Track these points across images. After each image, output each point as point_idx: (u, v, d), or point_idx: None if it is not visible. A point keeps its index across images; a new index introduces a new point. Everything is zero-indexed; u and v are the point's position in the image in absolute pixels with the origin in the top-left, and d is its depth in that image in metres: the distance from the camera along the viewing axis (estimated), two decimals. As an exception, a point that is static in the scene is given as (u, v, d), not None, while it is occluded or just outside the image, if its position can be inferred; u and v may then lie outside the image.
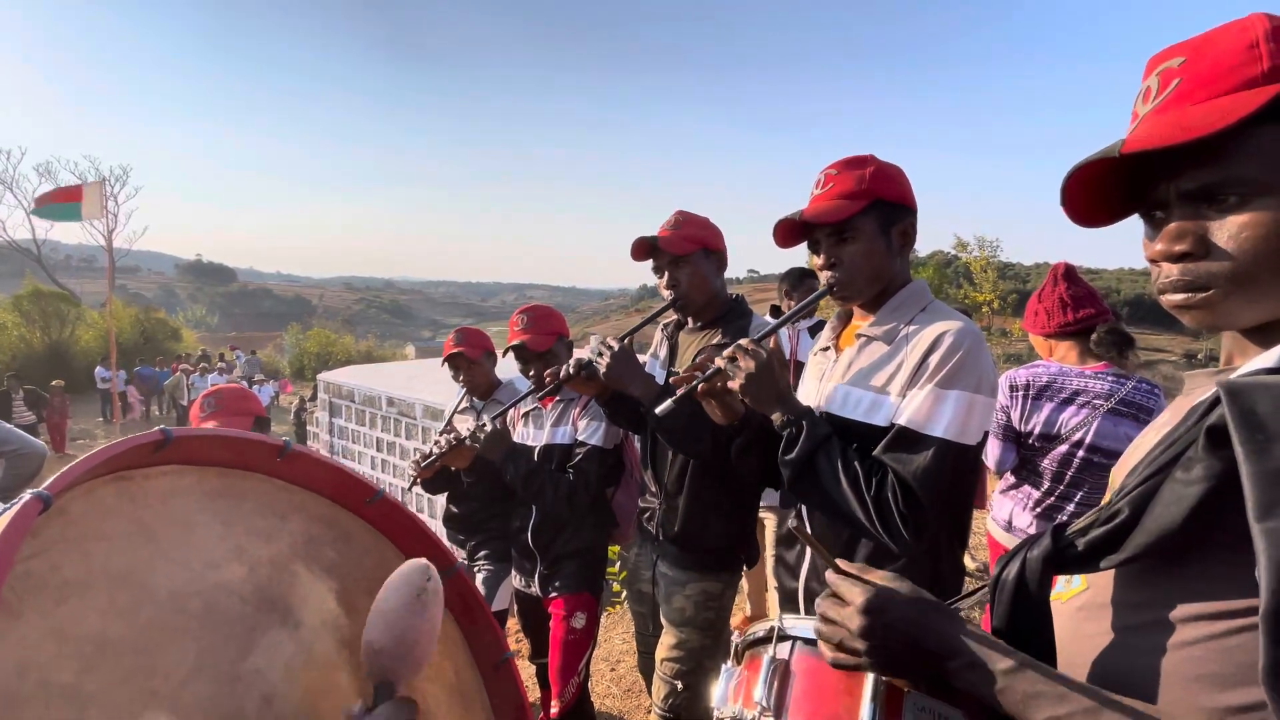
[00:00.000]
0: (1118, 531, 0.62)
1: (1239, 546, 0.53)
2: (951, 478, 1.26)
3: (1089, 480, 2.30)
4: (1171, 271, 0.66)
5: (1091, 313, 2.38)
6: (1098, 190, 0.70)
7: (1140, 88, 0.68)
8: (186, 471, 0.73)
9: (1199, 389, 0.70)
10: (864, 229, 1.37)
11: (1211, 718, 0.56)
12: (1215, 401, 0.56)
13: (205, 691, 0.66)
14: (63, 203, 10.92)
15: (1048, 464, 2.35)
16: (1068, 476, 2.32)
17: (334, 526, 0.84)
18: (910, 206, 1.43)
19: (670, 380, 1.76)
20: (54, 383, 15.07)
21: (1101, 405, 2.25)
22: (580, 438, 2.26)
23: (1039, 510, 2.41)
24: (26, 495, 0.58)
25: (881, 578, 0.77)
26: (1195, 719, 0.58)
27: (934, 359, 1.28)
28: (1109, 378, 2.28)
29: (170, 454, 0.70)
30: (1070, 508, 2.34)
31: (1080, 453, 2.28)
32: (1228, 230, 0.61)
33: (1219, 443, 0.54)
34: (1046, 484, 2.37)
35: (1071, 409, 2.30)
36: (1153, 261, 0.68)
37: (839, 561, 0.81)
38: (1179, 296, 0.66)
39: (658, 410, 1.50)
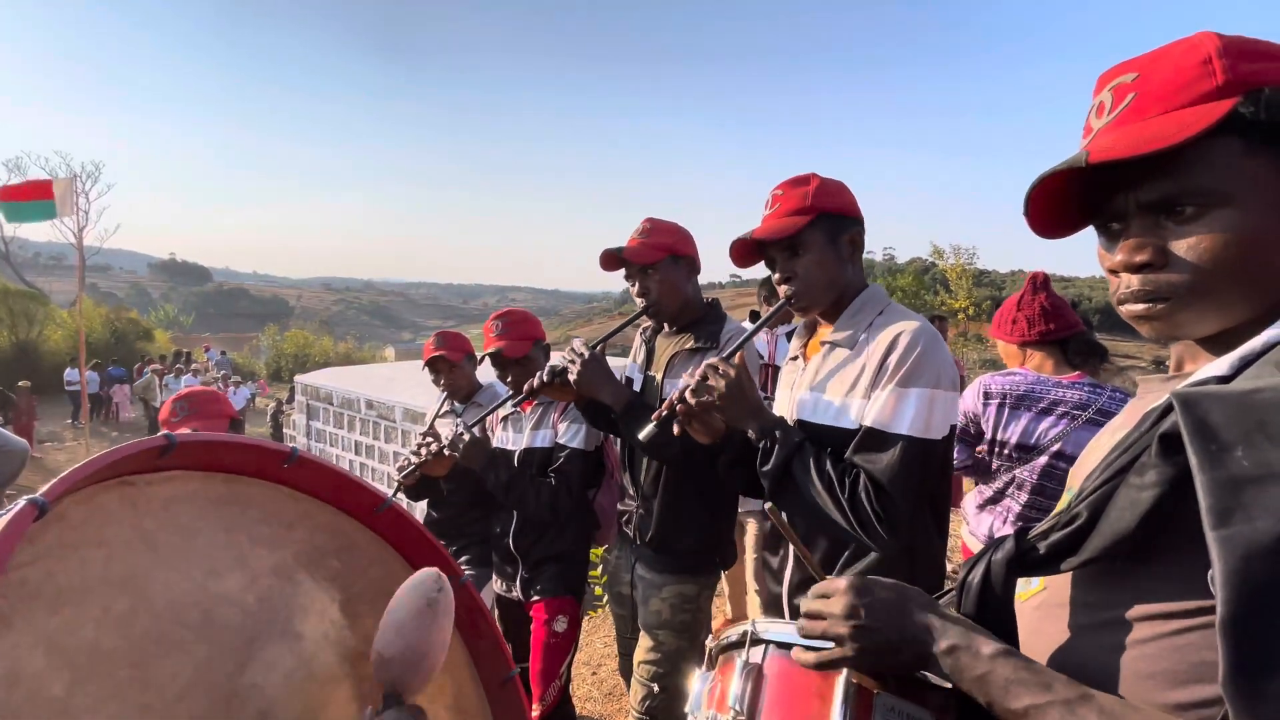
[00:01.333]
0: (1076, 534, 0.64)
1: (1189, 550, 0.55)
2: (920, 473, 1.30)
3: (1050, 480, 2.28)
4: (1131, 282, 0.67)
5: (1074, 321, 2.40)
6: (1057, 202, 0.72)
7: (1092, 103, 0.70)
8: (191, 477, 0.71)
9: (1152, 394, 0.73)
10: (813, 241, 1.44)
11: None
12: (1168, 408, 0.58)
13: (199, 707, 0.63)
14: (32, 200, 10.46)
15: (1027, 476, 2.32)
16: (1048, 489, 2.28)
17: (339, 535, 0.82)
18: (855, 216, 1.49)
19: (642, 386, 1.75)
20: (20, 383, 14.70)
21: (1080, 415, 2.24)
22: (561, 441, 2.25)
23: (1021, 525, 2.37)
24: (22, 502, 0.56)
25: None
26: None
27: (893, 359, 1.33)
28: (1085, 387, 2.27)
29: (175, 459, 0.68)
30: None
31: (1060, 464, 2.25)
32: (1186, 241, 0.63)
33: (1171, 450, 0.56)
34: (1026, 497, 2.33)
35: (1050, 419, 2.28)
36: (1112, 272, 0.70)
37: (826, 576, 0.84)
38: (1138, 307, 0.67)
39: (640, 436, 1.56)
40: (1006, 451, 2.36)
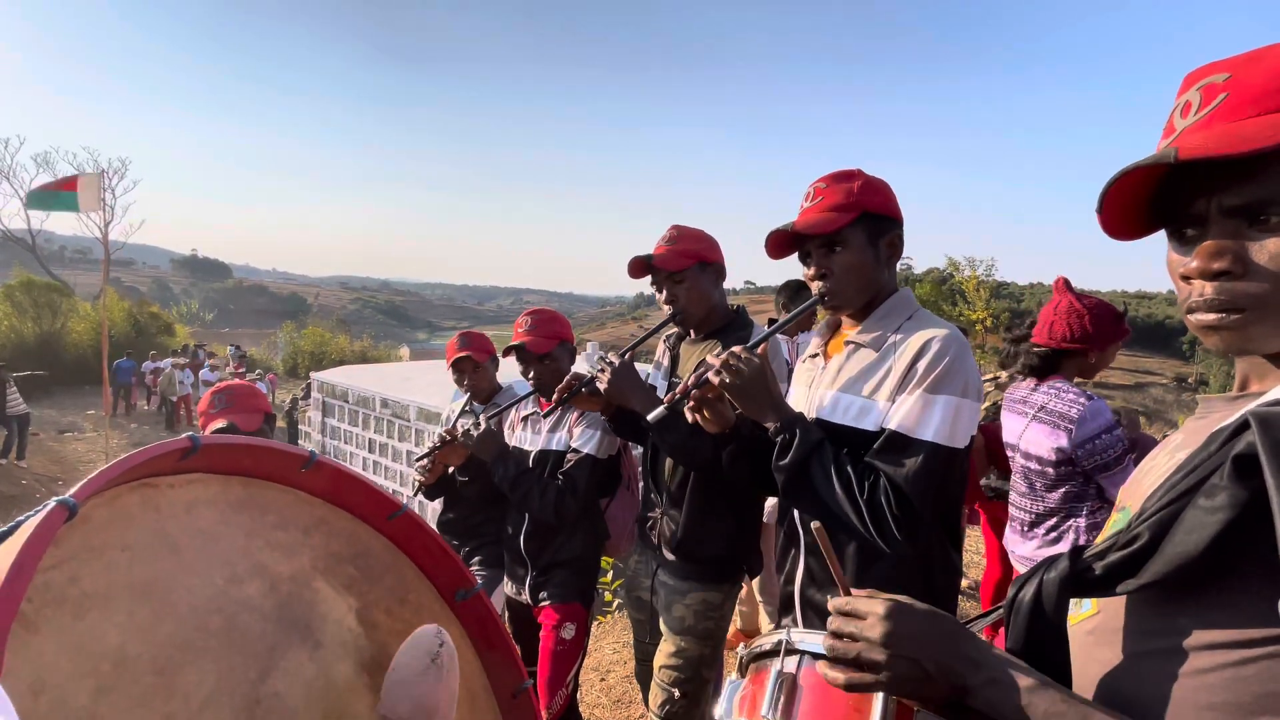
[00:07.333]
0: (1137, 556, 0.61)
1: (1258, 576, 0.53)
2: (941, 480, 1.30)
3: (1023, 481, 2.48)
4: (1206, 290, 0.64)
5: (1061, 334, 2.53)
6: (1132, 202, 0.69)
7: (1177, 102, 0.67)
8: (211, 481, 0.70)
9: (1216, 413, 0.69)
10: (853, 240, 1.42)
11: None
12: (1240, 428, 0.56)
13: (223, 716, 0.63)
14: (58, 192, 10.75)
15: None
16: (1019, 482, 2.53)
17: (355, 542, 0.81)
18: (897, 219, 1.48)
19: (667, 393, 1.78)
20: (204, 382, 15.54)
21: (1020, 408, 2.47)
22: (575, 445, 2.26)
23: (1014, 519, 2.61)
24: (51, 503, 0.55)
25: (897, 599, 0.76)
26: None
27: (922, 365, 1.32)
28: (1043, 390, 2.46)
29: (196, 462, 0.68)
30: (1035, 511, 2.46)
31: (1015, 457, 2.47)
32: (1269, 251, 0.60)
33: (1246, 472, 0.54)
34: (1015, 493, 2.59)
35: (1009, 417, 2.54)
36: (1184, 279, 0.66)
37: (852, 590, 0.80)
38: (1210, 316, 0.64)
39: (650, 416, 1.53)
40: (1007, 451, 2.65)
